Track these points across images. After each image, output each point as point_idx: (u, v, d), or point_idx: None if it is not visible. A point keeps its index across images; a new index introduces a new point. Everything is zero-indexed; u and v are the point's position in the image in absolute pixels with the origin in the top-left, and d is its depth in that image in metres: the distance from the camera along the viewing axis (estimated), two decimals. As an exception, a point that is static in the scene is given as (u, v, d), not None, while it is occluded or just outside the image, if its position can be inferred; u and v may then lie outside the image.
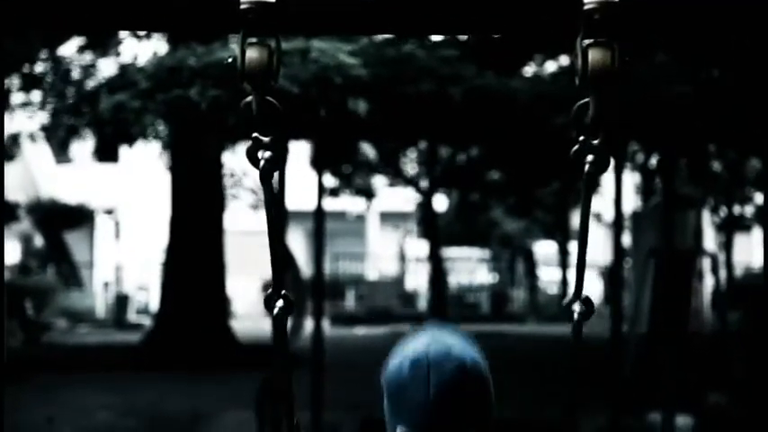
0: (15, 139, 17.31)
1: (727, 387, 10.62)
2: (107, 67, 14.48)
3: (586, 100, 1.72)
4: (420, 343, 2.29)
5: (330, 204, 21.56)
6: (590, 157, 1.82)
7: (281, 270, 1.77)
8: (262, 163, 1.91)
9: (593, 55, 1.78)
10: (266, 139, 1.87)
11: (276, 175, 1.82)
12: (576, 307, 2.19)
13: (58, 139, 15.15)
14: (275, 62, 1.85)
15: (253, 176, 26.83)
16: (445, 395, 2.21)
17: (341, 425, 10.57)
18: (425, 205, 28.71)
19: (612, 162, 1.68)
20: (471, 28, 2.26)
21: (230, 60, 1.88)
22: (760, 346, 10.67)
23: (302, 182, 15.50)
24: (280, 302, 2.15)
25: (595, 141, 1.80)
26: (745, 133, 10.52)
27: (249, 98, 1.81)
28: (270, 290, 2.14)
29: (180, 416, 11.64)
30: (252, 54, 1.84)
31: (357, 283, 35.79)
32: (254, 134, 1.87)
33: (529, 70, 12.72)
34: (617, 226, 10.68)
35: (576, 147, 1.83)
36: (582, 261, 2.13)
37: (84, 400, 13.02)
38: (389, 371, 2.30)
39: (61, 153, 33.95)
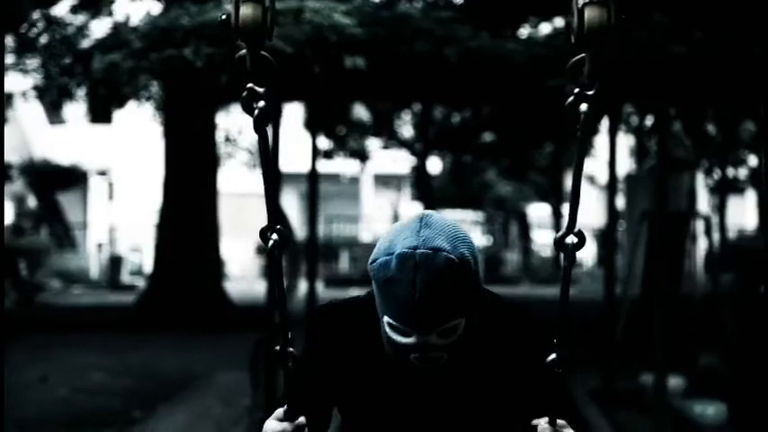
0: (8, 99, 17.25)
1: (720, 349, 10.66)
2: (100, 28, 14.40)
3: (582, 56, 1.71)
4: (409, 239, 2.26)
5: (324, 166, 21.54)
6: (584, 106, 1.82)
7: (277, 205, 1.78)
8: (256, 112, 1.93)
9: (590, 13, 1.76)
10: (261, 90, 1.87)
11: (270, 130, 1.83)
12: (569, 239, 2.09)
13: (51, 99, 15.10)
14: (269, 19, 1.83)
15: (247, 136, 26.81)
16: (431, 295, 2.21)
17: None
18: (419, 168, 28.69)
19: (606, 123, 1.65)
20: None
21: (224, 17, 1.86)
22: (752, 307, 10.71)
23: (296, 144, 15.47)
24: (274, 236, 2.22)
25: (590, 92, 1.80)
26: (740, 95, 10.50)
27: (243, 51, 1.80)
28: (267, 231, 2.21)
29: (173, 376, 11.67)
30: (246, 11, 1.82)
31: (351, 245, 35.82)
32: (249, 84, 1.88)
33: (524, 32, 12.67)
34: (611, 188, 10.68)
35: (571, 98, 1.84)
36: (576, 194, 2.07)
37: (78, 361, 13.05)
38: (378, 263, 2.27)
39: (54, 114, 33.85)
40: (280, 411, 2.35)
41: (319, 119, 15.58)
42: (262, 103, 1.89)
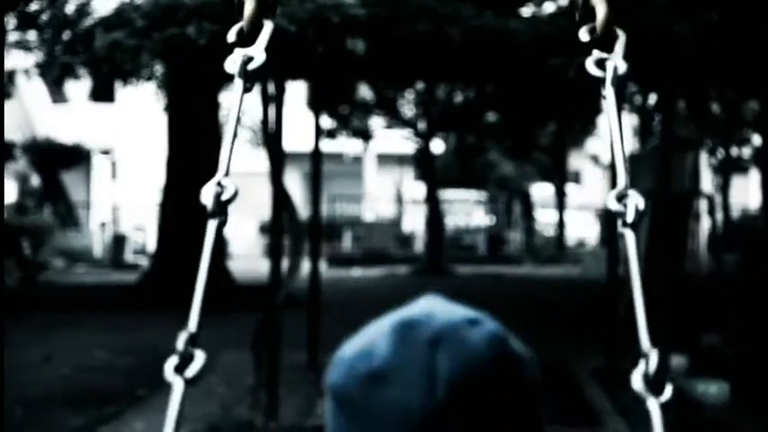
0: (11, 77, 17.23)
1: (722, 328, 10.67)
2: (102, 6, 14.36)
3: (592, 24, 1.65)
4: (410, 310, 1.27)
5: (327, 146, 21.50)
6: (609, 62, 1.65)
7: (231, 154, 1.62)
8: (240, 62, 1.63)
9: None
10: (250, 50, 1.67)
11: (273, 115, 1.76)
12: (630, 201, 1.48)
13: (54, 77, 15.06)
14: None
15: (251, 114, 26.78)
16: (466, 394, 1.11)
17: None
18: (423, 147, 28.68)
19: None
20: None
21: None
22: (755, 287, 10.72)
23: (299, 123, 15.46)
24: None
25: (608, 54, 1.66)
26: (744, 75, 10.47)
27: (240, 24, 1.73)
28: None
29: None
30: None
31: (354, 224, 35.84)
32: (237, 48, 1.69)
33: (527, 11, 12.63)
34: (614, 166, 10.66)
35: (591, 58, 1.64)
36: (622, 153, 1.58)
37: (81, 339, 13.08)
38: (346, 363, 1.18)
39: (57, 93, 33.82)
40: None
41: (322, 98, 15.56)
42: (249, 60, 1.67)
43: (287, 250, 9.20)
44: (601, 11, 1.63)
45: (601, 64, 1.60)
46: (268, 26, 1.68)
